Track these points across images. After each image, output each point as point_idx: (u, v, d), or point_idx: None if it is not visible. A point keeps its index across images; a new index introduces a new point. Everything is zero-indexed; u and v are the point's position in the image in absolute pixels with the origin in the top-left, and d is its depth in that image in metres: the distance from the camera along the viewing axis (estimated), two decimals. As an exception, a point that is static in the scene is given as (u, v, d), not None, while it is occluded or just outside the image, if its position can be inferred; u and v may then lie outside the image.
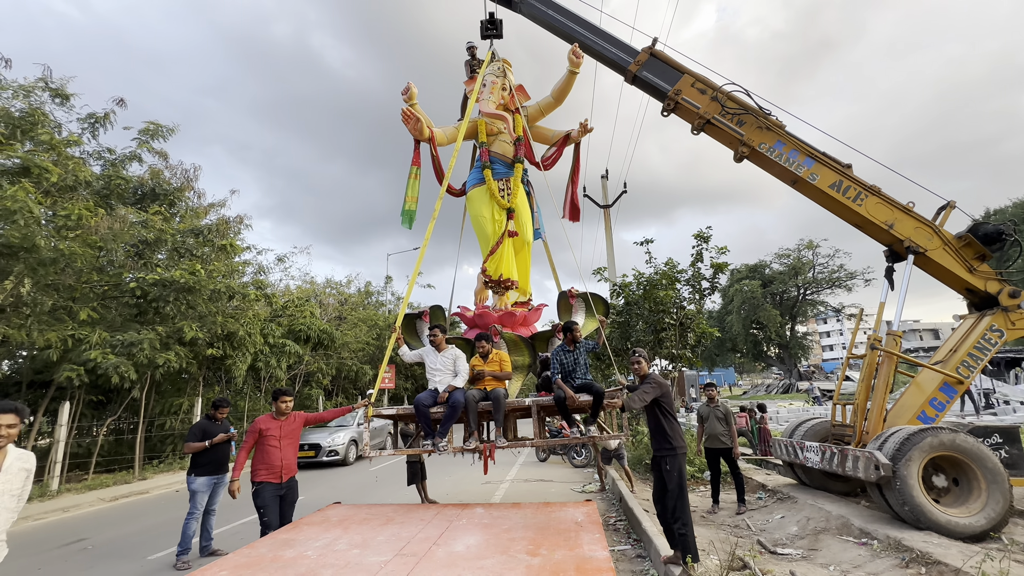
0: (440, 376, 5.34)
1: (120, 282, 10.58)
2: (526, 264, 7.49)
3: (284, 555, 3.46)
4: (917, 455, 4.78)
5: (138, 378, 10.23)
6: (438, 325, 5.55)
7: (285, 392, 4.83)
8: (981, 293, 6.18)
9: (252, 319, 13.39)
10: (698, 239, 9.49)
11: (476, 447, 5.17)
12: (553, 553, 3.22)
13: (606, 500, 7.54)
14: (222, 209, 14.22)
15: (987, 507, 4.65)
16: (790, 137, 6.77)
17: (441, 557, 3.22)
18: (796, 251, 39.52)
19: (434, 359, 5.45)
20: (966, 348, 5.95)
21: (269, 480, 4.50)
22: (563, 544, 3.42)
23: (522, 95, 7.66)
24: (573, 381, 5.33)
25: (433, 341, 5.45)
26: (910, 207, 6.39)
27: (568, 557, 3.13)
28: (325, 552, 3.47)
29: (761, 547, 5.08)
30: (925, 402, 5.79)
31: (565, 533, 3.71)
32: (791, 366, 41.53)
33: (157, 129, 12.73)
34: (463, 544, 3.51)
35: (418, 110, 6.97)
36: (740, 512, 6.42)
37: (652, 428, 4.33)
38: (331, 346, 17.78)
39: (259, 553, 3.51)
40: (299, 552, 3.51)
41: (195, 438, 5.25)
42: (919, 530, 4.63)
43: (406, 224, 7.01)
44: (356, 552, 3.43)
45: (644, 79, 7.31)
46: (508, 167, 7.25)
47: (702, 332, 10.80)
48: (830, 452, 5.66)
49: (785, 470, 7.85)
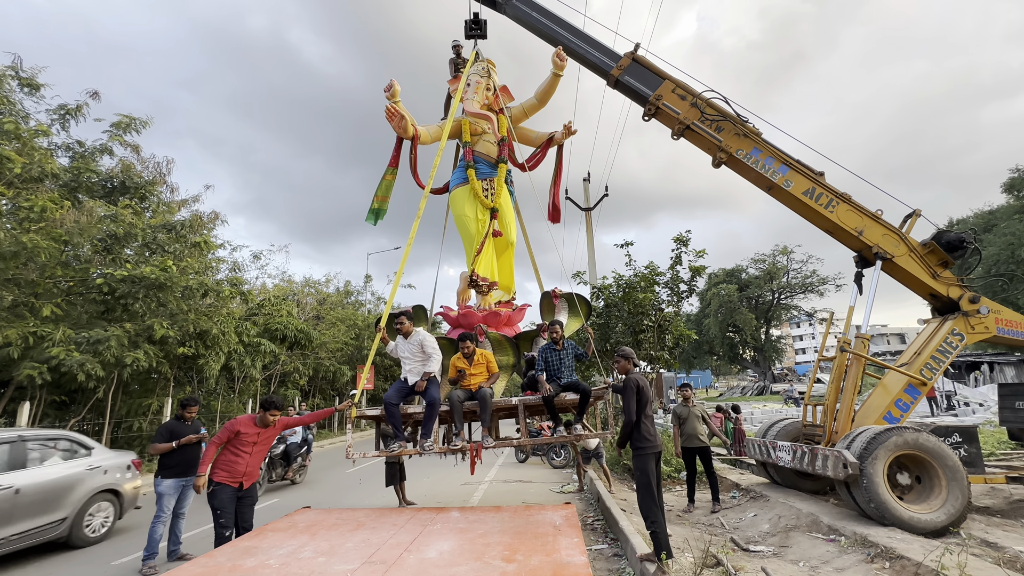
0: (410, 364, 5.31)
1: (87, 278, 10.19)
2: (510, 264, 7.51)
3: (244, 564, 3.30)
4: (883, 454, 4.95)
5: (105, 377, 9.88)
6: (403, 313, 5.49)
7: (276, 405, 4.69)
8: (944, 298, 6.44)
9: (226, 317, 13.07)
10: (677, 242, 9.66)
11: (462, 447, 5.15)
12: (529, 559, 3.16)
13: (584, 500, 7.59)
14: (196, 204, 13.89)
15: (947, 503, 4.84)
16: (766, 144, 6.95)
17: (412, 564, 3.13)
18: (772, 256, 40.56)
19: (403, 347, 5.42)
20: (929, 351, 6.19)
21: (228, 483, 4.39)
22: (540, 549, 3.37)
23: (506, 96, 7.68)
24: (559, 380, 5.36)
25: (400, 330, 5.41)
26: (879, 215, 6.62)
27: (545, 563, 3.07)
28: (288, 561, 3.32)
29: (734, 545, 5.19)
30: (891, 403, 6.00)
31: (543, 537, 3.66)
32: (765, 369, 42.54)
33: (130, 122, 12.37)
34: (436, 550, 3.42)
35: (402, 108, 6.93)
36: (715, 511, 6.54)
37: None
38: (308, 346, 17.46)
39: (217, 563, 3.35)
40: (260, 561, 3.35)
41: (162, 439, 5.08)
42: (884, 526, 4.79)
43: (370, 221, 7.00)
44: (322, 560, 3.30)
45: (626, 84, 7.41)
46: (492, 167, 7.26)
47: (680, 334, 11.00)
48: (801, 451, 5.81)
49: (758, 469, 8.04)
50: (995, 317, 6.23)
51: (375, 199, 7.02)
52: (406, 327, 5.42)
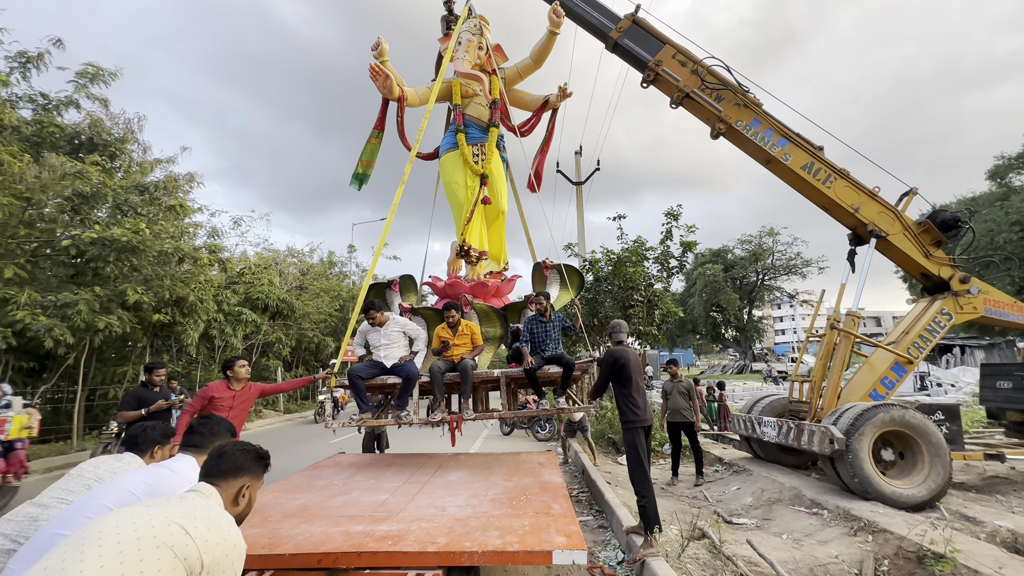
0: (386, 350, 5.09)
1: (53, 239, 9.68)
2: (501, 234, 7.25)
3: (316, 484, 4.32)
4: (869, 430, 4.96)
5: (75, 343, 9.50)
6: (371, 304, 5.25)
7: (240, 358, 4.52)
8: (935, 278, 6.43)
9: (204, 285, 12.63)
10: (668, 216, 9.49)
11: (442, 419, 5.01)
12: (523, 479, 4.28)
13: (569, 472, 7.60)
14: (171, 166, 13.23)
15: (929, 479, 4.89)
16: (767, 116, 6.74)
17: (439, 483, 4.21)
18: (757, 237, 40.82)
19: (376, 336, 5.17)
20: (917, 330, 6.19)
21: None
22: (529, 474, 4.52)
23: (499, 56, 7.29)
24: (543, 353, 5.22)
25: (372, 321, 5.17)
26: (875, 191, 6.52)
27: (534, 482, 4.20)
28: (348, 481, 4.43)
29: (719, 517, 5.21)
30: (877, 381, 6.02)
31: (530, 469, 4.76)
32: (746, 348, 43.37)
33: (97, 72, 11.57)
34: (454, 475, 4.52)
35: (389, 67, 6.52)
36: (698, 484, 6.59)
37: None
38: (290, 316, 17.11)
39: (295, 483, 4.37)
40: (328, 482, 4.39)
41: (129, 406, 4.83)
42: (866, 500, 4.84)
43: (354, 186, 6.67)
44: (373, 482, 4.35)
45: (625, 47, 7.09)
46: (483, 131, 6.93)
47: (667, 311, 10.95)
48: (787, 427, 5.83)
49: (741, 444, 8.13)
50: (984, 297, 6.24)
51: (359, 163, 6.66)
52: (379, 319, 5.18)
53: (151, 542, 1.24)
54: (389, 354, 5.12)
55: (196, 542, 1.30)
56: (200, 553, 1.29)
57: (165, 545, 1.25)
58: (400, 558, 2.52)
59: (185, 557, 1.27)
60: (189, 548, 1.28)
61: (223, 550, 1.37)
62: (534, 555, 2.55)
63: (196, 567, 1.28)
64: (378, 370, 5.07)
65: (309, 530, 2.92)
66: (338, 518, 3.20)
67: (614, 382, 4.19)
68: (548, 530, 2.86)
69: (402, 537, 2.75)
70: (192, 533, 1.31)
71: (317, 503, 3.63)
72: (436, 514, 3.23)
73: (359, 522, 3.08)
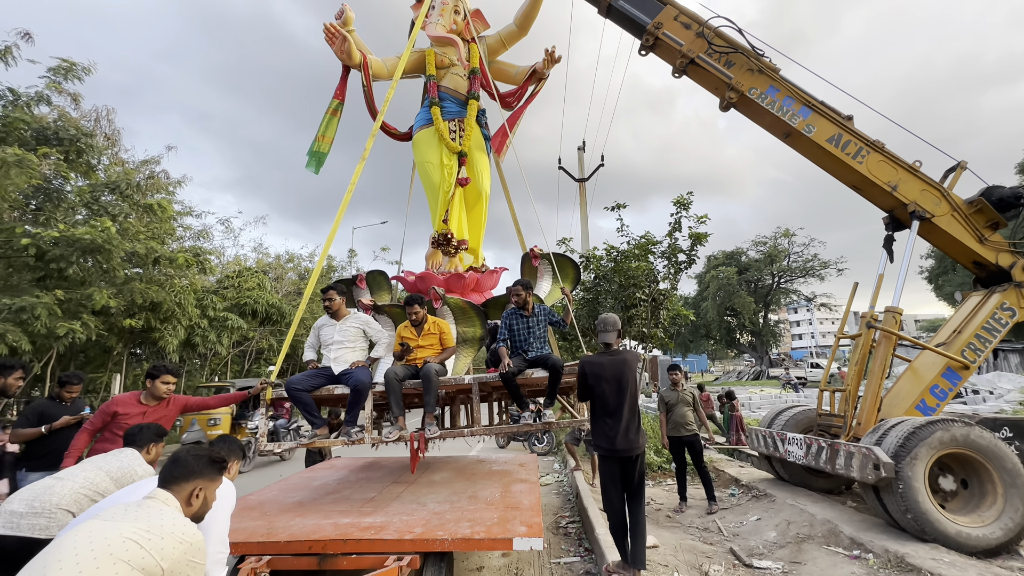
0: (338, 351, 4.20)
1: (11, 238, 9.06)
2: (480, 222, 6.38)
3: (311, 484, 4.67)
4: (924, 452, 3.97)
5: (33, 349, 8.84)
6: (333, 287, 4.43)
7: (169, 370, 3.69)
8: (991, 267, 5.41)
9: (185, 289, 11.97)
10: (677, 205, 8.55)
11: (400, 436, 4.11)
12: (501, 479, 4.59)
13: (562, 495, 6.66)
14: (155, 166, 12.65)
15: (1004, 515, 3.88)
16: (785, 83, 5.82)
17: (423, 483, 4.51)
18: (773, 239, 39.44)
19: (330, 331, 4.30)
20: (973, 329, 5.18)
21: None
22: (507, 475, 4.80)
23: (479, 22, 6.47)
24: (525, 354, 4.32)
25: (329, 308, 4.34)
26: (916, 167, 5.55)
27: (510, 481, 4.50)
28: (344, 478, 4.87)
29: (735, 557, 4.25)
30: (925, 390, 5.01)
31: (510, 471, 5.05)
32: (762, 353, 41.81)
33: (70, 67, 11.04)
34: (439, 476, 4.83)
35: (353, 36, 5.75)
36: (711, 512, 5.61)
37: None
38: (280, 322, 16.41)
39: (293, 483, 4.74)
40: (322, 482, 4.75)
41: (27, 423, 4.04)
42: (923, 542, 3.85)
43: (311, 168, 5.77)
44: (364, 482, 4.67)
45: (620, 9, 6.22)
46: (461, 104, 6.11)
47: (676, 312, 9.97)
48: (817, 446, 4.85)
49: (761, 462, 7.10)
50: (1054, 289, 5.21)
51: (317, 139, 5.82)
52: (335, 304, 4.35)
53: (107, 560, 1.38)
54: (341, 356, 4.26)
55: (151, 553, 1.46)
56: (157, 561, 1.46)
57: (121, 561, 1.40)
58: (381, 545, 2.80)
59: (143, 568, 1.42)
60: (146, 560, 1.44)
61: (180, 551, 1.53)
62: (497, 542, 2.80)
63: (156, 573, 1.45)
64: (323, 379, 4.21)
65: (302, 522, 3.23)
66: (329, 512, 3.50)
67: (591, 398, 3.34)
68: (513, 521, 3.10)
69: (384, 527, 3.04)
70: (146, 546, 1.46)
71: (311, 500, 3.99)
72: (416, 509, 3.53)
73: (347, 515, 3.38)
